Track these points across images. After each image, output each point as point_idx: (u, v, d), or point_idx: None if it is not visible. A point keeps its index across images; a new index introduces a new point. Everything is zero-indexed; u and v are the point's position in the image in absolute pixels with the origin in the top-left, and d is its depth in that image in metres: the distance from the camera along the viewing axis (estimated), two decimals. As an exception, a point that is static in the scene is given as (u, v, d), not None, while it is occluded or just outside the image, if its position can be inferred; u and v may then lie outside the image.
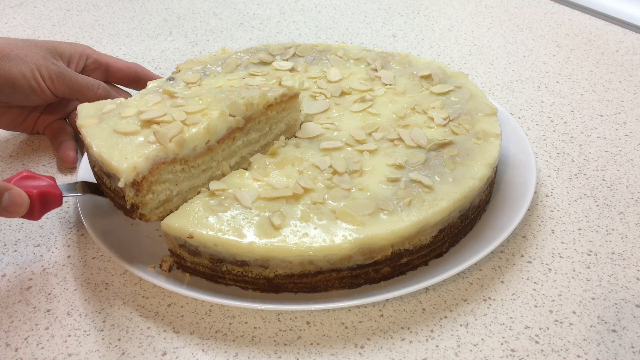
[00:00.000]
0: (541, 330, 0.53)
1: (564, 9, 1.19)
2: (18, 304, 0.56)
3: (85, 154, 0.69)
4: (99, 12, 1.18)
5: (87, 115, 0.62)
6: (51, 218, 0.66)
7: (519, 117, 0.84)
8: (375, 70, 0.78)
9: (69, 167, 0.75)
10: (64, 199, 0.59)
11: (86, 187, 0.62)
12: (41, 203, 0.56)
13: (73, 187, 0.61)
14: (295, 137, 0.66)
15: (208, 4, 1.23)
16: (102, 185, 0.61)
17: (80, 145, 0.78)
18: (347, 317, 0.55)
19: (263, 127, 0.65)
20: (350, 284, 0.56)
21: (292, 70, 0.77)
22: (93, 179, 0.65)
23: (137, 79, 0.80)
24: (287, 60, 0.79)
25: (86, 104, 0.64)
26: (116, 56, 0.99)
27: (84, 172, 0.68)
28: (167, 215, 0.57)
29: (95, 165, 0.61)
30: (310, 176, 0.59)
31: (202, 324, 0.54)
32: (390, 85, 0.74)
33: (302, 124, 0.68)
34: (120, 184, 0.54)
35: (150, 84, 0.70)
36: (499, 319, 0.54)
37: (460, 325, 0.54)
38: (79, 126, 0.60)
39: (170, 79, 0.71)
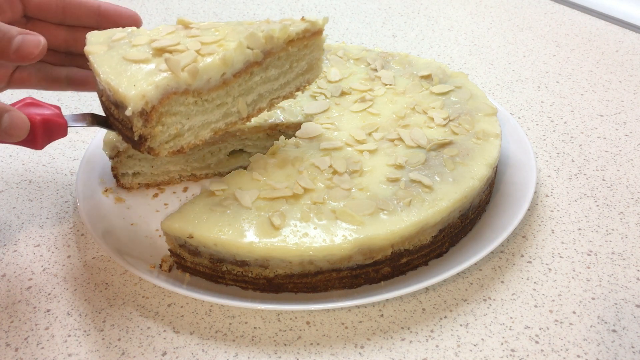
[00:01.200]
0: (541, 330, 0.53)
1: (564, 9, 1.19)
2: (18, 304, 0.56)
3: (80, 167, 0.68)
4: (99, 12, 1.18)
5: (96, 42, 0.59)
6: (51, 218, 0.66)
7: (519, 117, 0.84)
8: (375, 70, 0.78)
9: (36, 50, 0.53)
10: (70, 129, 0.55)
11: (94, 119, 0.58)
12: (44, 131, 0.53)
13: (79, 117, 0.58)
14: (295, 137, 0.66)
15: (208, 4, 1.22)
16: (110, 117, 0.58)
17: None
18: (347, 317, 0.55)
19: (283, 64, 0.62)
20: (350, 284, 0.56)
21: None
22: (94, 175, 0.64)
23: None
24: None
25: (96, 31, 0.61)
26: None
27: (84, 174, 0.69)
28: (178, 150, 0.55)
29: (102, 94, 0.57)
30: (310, 176, 0.59)
31: (202, 324, 0.54)
32: (390, 85, 0.74)
33: (302, 124, 0.68)
34: (128, 113, 0.51)
35: None
36: (499, 319, 0.54)
37: (460, 325, 0.54)
38: (86, 53, 0.58)
39: None
